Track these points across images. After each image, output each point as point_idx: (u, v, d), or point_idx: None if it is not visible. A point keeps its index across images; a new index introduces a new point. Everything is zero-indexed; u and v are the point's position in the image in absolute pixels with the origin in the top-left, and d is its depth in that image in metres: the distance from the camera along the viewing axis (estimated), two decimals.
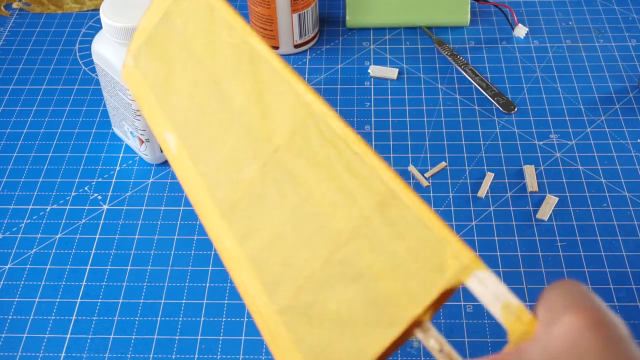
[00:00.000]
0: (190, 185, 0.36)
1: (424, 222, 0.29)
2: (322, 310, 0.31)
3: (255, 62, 0.36)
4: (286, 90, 0.34)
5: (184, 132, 0.37)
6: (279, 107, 0.34)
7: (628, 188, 0.55)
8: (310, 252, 0.32)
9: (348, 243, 0.31)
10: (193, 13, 0.38)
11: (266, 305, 0.32)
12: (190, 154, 0.36)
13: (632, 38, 0.68)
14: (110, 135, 0.60)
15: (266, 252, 0.33)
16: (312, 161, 0.33)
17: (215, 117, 0.36)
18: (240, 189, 0.34)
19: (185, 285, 0.50)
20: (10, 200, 0.55)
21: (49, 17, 0.72)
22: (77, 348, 0.47)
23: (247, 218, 0.34)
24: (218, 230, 0.35)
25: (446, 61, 0.66)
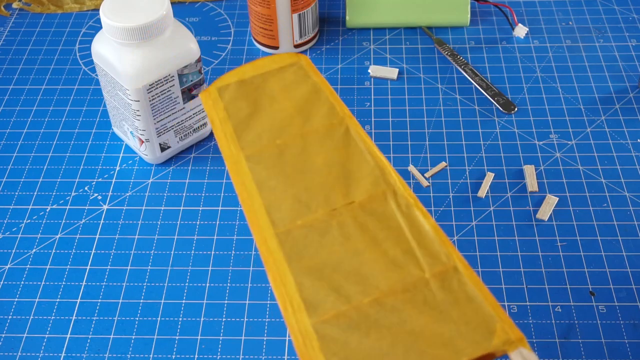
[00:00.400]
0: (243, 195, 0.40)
1: (481, 297, 0.34)
2: (359, 340, 0.33)
3: (347, 138, 0.41)
4: (372, 166, 0.40)
5: (254, 161, 0.41)
6: (362, 176, 0.39)
7: (628, 188, 0.55)
8: (362, 288, 0.35)
9: (403, 293, 0.34)
10: (294, 83, 0.44)
11: (303, 319, 0.34)
12: (256, 178, 0.40)
13: (632, 38, 0.68)
14: (110, 135, 0.60)
15: (313, 275, 0.36)
16: (383, 222, 0.37)
17: (293, 162, 0.41)
18: (302, 219, 0.38)
19: (185, 285, 0.50)
20: (10, 200, 0.55)
21: (49, 17, 0.72)
22: (77, 348, 0.47)
23: (302, 245, 0.37)
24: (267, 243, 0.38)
25: (446, 61, 0.66)
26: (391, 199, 0.38)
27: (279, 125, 0.43)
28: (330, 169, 0.40)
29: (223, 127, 0.43)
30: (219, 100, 0.44)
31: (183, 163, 0.58)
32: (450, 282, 0.35)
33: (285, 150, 0.41)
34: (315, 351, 0.33)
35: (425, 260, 0.36)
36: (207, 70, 0.65)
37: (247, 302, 0.49)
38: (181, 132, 0.56)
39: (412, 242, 0.36)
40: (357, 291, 0.35)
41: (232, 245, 0.52)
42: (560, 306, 0.48)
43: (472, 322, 0.33)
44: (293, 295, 0.35)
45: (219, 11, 0.72)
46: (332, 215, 0.38)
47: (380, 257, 0.36)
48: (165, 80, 0.52)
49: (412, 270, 0.35)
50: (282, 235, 0.38)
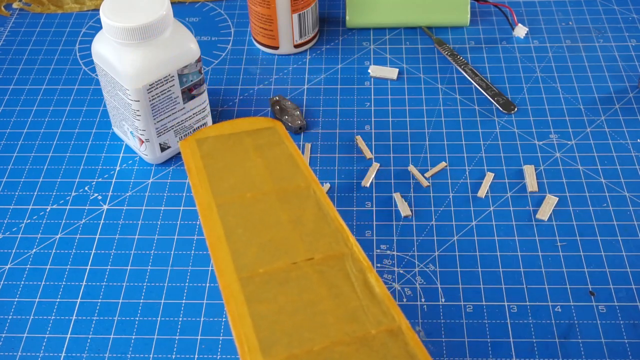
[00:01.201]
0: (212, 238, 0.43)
1: (419, 358, 0.37)
2: None
3: (312, 202, 0.45)
4: (333, 229, 0.43)
5: (225, 209, 0.45)
6: (322, 236, 0.43)
7: (628, 188, 0.55)
8: (313, 336, 0.38)
9: (350, 345, 0.37)
10: (268, 145, 0.49)
11: (257, 358, 0.37)
12: (225, 225, 0.44)
13: (632, 38, 0.68)
14: (110, 135, 0.60)
15: (270, 318, 0.39)
16: (338, 280, 0.41)
17: (260, 215, 0.44)
18: (264, 267, 0.41)
19: (185, 285, 0.50)
20: (10, 200, 0.55)
21: (49, 17, 0.72)
22: (77, 348, 0.47)
23: (262, 290, 0.40)
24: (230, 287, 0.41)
25: (446, 61, 0.66)
26: (347, 260, 0.41)
27: (251, 180, 0.46)
28: (295, 226, 0.43)
29: (198, 175, 0.47)
30: (197, 150, 0.49)
31: (183, 163, 0.58)
32: (395, 340, 0.38)
33: (254, 203, 0.45)
34: None
35: (373, 318, 0.39)
36: (207, 70, 0.65)
37: None
38: (181, 132, 0.56)
39: (362, 301, 0.39)
40: (309, 338, 0.38)
41: None
42: (560, 306, 0.48)
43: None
44: (250, 335, 0.38)
45: (219, 11, 0.72)
46: (292, 267, 0.41)
47: (333, 310, 0.39)
48: (165, 80, 0.52)
49: (360, 326, 0.38)
50: (244, 280, 0.41)
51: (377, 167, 0.57)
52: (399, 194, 0.55)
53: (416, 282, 0.49)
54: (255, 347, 0.37)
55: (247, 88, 0.64)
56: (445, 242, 0.52)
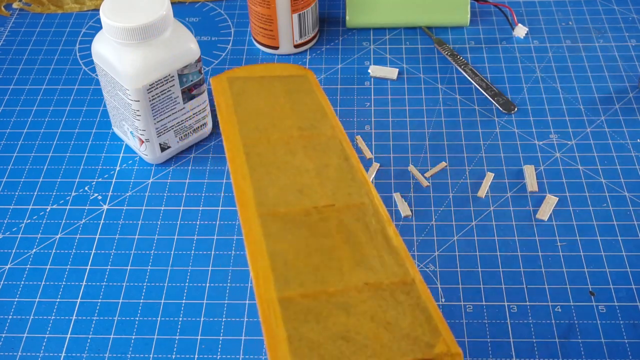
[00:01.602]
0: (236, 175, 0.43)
1: (431, 311, 0.37)
2: (317, 321, 0.36)
3: (338, 152, 0.45)
4: (357, 181, 0.43)
5: (250, 148, 0.44)
6: (345, 186, 0.43)
7: (628, 188, 0.55)
8: (328, 278, 0.38)
9: (363, 292, 0.37)
10: (298, 92, 0.48)
11: (269, 291, 0.37)
12: (249, 163, 0.44)
13: (632, 38, 0.68)
14: (110, 135, 0.60)
15: (287, 257, 0.39)
16: (358, 229, 0.40)
17: (285, 158, 0.44)
18: (285, 208, 0.41)
19: (185, 285, 0.50)
20: (10, 200, 0.55)
21: (49, 17, 0.72)
22: (77, 348, 0.47)
23: (281, 229, 0.40)
24: (250, 221, 0.41)
25: (446, 61, 0.66)
26: (367, 211, 0.41)
27: (278, 123, 0.46)
28: (318, 173, 0.43)
29: (227, 112, 0.46)
30: (228, 88, 0.48)
31: (183, 163, 0.58)
32: (407, 293, 0.38)
33: (280, 146, 0.45)
34: (278, 320, 0.36)
35: (388, 269, 0.39)
36: (207, 70, 0.65)
37: (247, 302, 0.49)
38: (181, 132, 0.56)
39: (379, 251, 0.39)
40: (323, 280, 0.38)
41: (232, 245, 0.52)
42: (560, 306, 0.48)
43: (418, 330, 0.36)
44: (266, 270, 0.38)
45: (219, 11, 0.72)
46: (312, 211, 0.41)
47: (349, 257, 0.39)
48: (165, 80, 0.52)
49: (374, 275, 0.38)
50: (264, 217, 0.41)
51: (377, 167, 0.57)
52: (399, 194, 0.55)
53: None
54: (270, 281, 0.38)
55: None
56: (445, 242, 0.52)
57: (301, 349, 0.35)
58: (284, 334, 0.36)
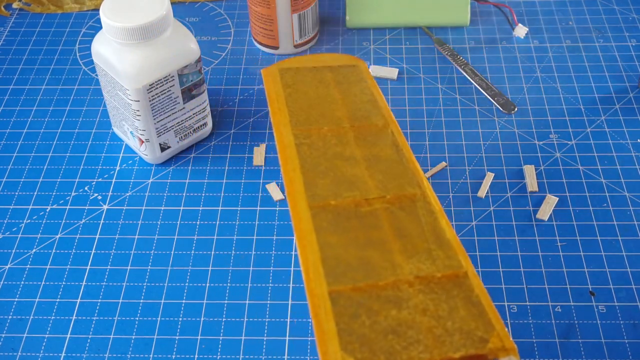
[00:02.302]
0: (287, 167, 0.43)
1: (484, 306, 0.36)
2: (368, 316, 0.36)
3: (388, 141, 0.44)
4: (408, 170, 0.42)
5: (301, 139, 0.44)
6: (396, 176, 0.42)
7: (628, 188, 0.55)
8: (379, 272, 0.38)
9: (415, 285, 0.37)
10: (349, 82, 0.48)
11: (321, 286, 0.37)
12: (300, 154, 0.43)
13: (632, 38, 0.68)
14: (110, 135, 0.60)
15: (338, 250, 0.38)
16: (409, 220, 0.40)
17: (335, 149, 0.44)
18: (336, 200, 0.41)
19: (185, 285, 0.50)
20: (10, 200, 0.55)
21: (49, 17, 0.72)
22: (77, 348, 0.47)
23: (332, 222, 0.40)
24: (300, 214, 0.40)
25: (446, 61, 0.66)
26: (419, 202, 0.41)
27: (329, 114, 0.46)
28: (369, 164, 0.43)
29: (278, 103, 0.47)
30: (279, 79, 0.48)
31: (183, 163, 0.58)
32: (460, 286, 0.37)
33: (330, 137, 0.44)
34: (328, 314, 0.36)
35: (440, 262, 0.38)
36: (207, 70, 0.65)
37: (247, 302, 0.49)
38: (181, 132, 0.56)
39: (431, 244, 0.39)
40: (374, 273, 0.37)
41: (232, 245, 0.52)
42: (560, 306, 0.48)
43: (472, 325, 0.36)
44: (316, 263, 0.38)
45: (219, 11, 0.72)
46: (363, 203, 0.41)
47: (400, 250, 0.38)
48: (165, 80, 0.52)
49: (425, 268, 0.38)
50: (315, 209, 0.40)
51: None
52: None
53: None
54: (320, 275, 0.37)
55: (247, 88, 0.64)
56: None
57: (352, 344, 0.35)
58: (334, 328, 0.35)
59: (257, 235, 0.52)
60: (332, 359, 0.35)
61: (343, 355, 0.35)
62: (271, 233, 0.52)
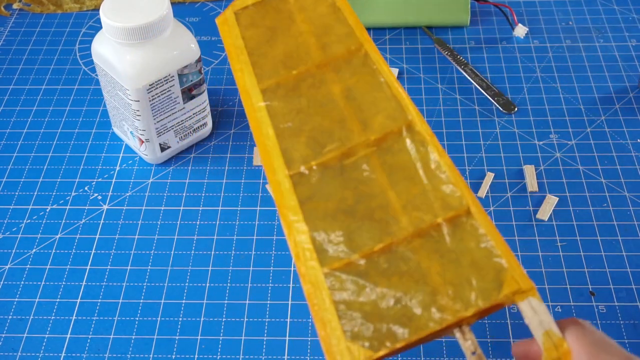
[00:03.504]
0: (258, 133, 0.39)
1: (493, 243, 0.34)
2: (368, 288, 0.33)
3: (365, 66, 0.40)
4: (390, 96, 0.39)
5: (270, 95, 0.40)
6: (379, 109, 0.38)
7: (628, 188, 0.55)
8: (374, 235, 0.35)
9: (414, 240, 0.34)
10: (313, 3, 0.43)
11: (314, 266, 0.34)
12: (272, 116, 0.39)
13: (632, 38, 0.68)
14: (110, 135, 0.60)
15: (326, 220, 0.35)
16: (398, 162, 0.36)
17: (309, 94, 0.39)
18: (317, 160, 0.37)
19: (185, 285, 0.50)
20: (10, 200, 0.55)
21: (49, 17, 0.72)
22: (77, 348, 0.47)
23: (314, 188, 0.36)
24: (280, 184, 0.37)
25: (446, 61, 0.66)
26: (407, 135, 0.37)
27: (296, 53, 0.41)
28: (347, 101, 0.39)
29: (239, 57, 0.42)
30: (235, 25, 0.43)
31: (183, 163, 0.58)
32: (463, 227, 0.34)
33: (301, 81, 0.40)
34: (326, 301, 0.34)
35: (439, 204, 0.35)
36: (207, 70, 0.65)
37: (247, 302, 0.49)
38: (181, 132, 0.56)
39: (426, 184, 0.36)
40: (369, 238, 0.35)
41: (232, 245, 0.52)
42: (560, 306, 0.48)
43: (482, 270, 0.33)
44: (305, 242, 0.35)
45: (219, 11, 0.72)
46: (347, 154, 0.37)
47: (394, 201, 0.36)
48: (165, 80, 0.52)
49: (424, 216, 0.35)
50: (295, 177, 0.37)
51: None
52: None
53: None
54: (312, 256, 0.35)
55: None
56: None
57: (355, 328, 0.33)
58: (334, 314, 0.33)
59: (257, 235, 0.52)
60: (336, 351, 0.33)
61: (348, 345, 0.33)
62: (271, 233, 0.52)
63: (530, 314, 0.33)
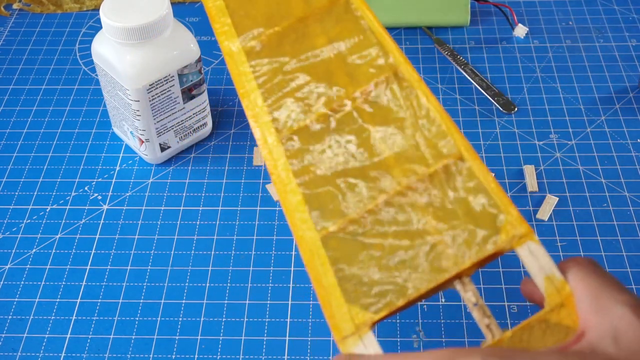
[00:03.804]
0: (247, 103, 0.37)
1: (487, 190, 0.32)
2: (364, 246, 0.33)
3: (347, 14, 0.38)
4: (374, 43, 0.37)
5: (255, 55, 0.38)
6: (364, 58, 0.37)
7: (628, 188, 0.55)
8: (367, 191, 0.34)
9: (408, 194, 0.33)
10: None
11: (310, 230, 0.34)
12: (257, 76, 0.38)
13: (632, 38, 0.68)
14: (110, 135, 0.60)
15: (318, 182, 0.35)
16: (386, 113, 0.35)
17: (293, 50, 0.38)
18: (303, 121, 0.36)
19: (185, 285, 0.50)
20: (10, 200, 0.55)
21: (49, 17, 0.72)
22: (77, 348, 0.47)
23: (304, 149, 0.36)
24: (273, 152, 0.36)
25: (446, 61, 0.66)
26: (394, 81, 0.36)
27: (277, 8, 0.40)
28: (331, 54, 0.38)
29: (220, 19, 0.41)
30: None
31: (183, 163, 0.58)
32: (456, 175, 0.33)
33: (284, 37, 0.39)
34: (324, 265, 0.33)
35: (430, 153, 0.34)
36: (207, 70, 0.65)
37: (247, 302, 0.49)
38: (181, 132, 0.56)
39: (416, 132, 0.35)
40: (363, 196, 0.34)
41: (232, 245, 0.52)
42: None
43: (478, 219, 0.32)
44: (299, 206, 0.35)
45: None
46: (335, 110, 0.36)
47: (385, 155, 0.35)
48: (165, 80, 0.52)
49: (417, 168, 0.34)
50: (285, 139, 0.36)
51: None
52: None
53: None
54: (307, 219, 0.34)
55: None
56: None
57: (356, 292, 0.32)
58: (333, 279, 0.33)
59: (257, 235, 0.52)
60: (339, 318, 0.32)
61: (350, 308, 0.32)
62: (271, 233, 0.52)
63: (530, 259, 0.32)
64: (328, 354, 0.46)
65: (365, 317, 0.32)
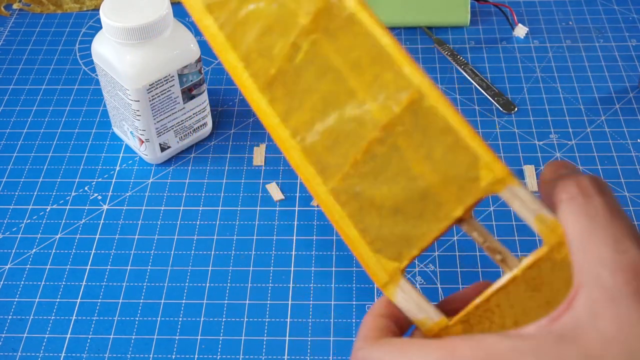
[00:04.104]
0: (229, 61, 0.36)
1: (456, 128, 0.30)
2: (370, 198, 0.33)
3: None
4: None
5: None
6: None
7: (628, 188, 0.55)
8: (350, 140, 0.33)
9: (386, 138, 0.32)
10: None
11: (319, 185, 0.34)
12: (227, 34, 0.36)
13: (632, 38, 0.68)
14: (110, 135, 0.60)
15: (309, 135, 0.34)
16: (343, 49, 0.33)
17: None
18: (274, 66, 0.34)
19: (185, 285, 0.50)
20: (10, 200, 0.55)
21: (49, 17, 0.72)
22: (77, 348, 0.47)
23: (285, 96, 0.35)
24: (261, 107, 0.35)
25: (446, 61, 0.66)
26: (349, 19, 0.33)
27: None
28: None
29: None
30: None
31: (183, 163, 0.58)
32: (423, 116, 0.31)
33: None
34: (344, 219, 0.34)
35: (390, 91, 0.31)
36: (207, 70, 0.65)
37: (247, 302, 0.49)
38: (181, 132, 0.56)
39: (372, 68, 0.32)
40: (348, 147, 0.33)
41: (232, 245, 0.52)
42: None
43: (454, 164, 0.30)
44: (303, 162, 0.34)
45: None
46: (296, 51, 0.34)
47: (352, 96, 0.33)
48: (165, 80, 0.52)
49: (384, 110, 0.32)
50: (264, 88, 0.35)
51: None
52: None
53: (416, 282, 0.49)
54: (313, 174, 0.34)
55: None
56: (445, 242, 0.52)
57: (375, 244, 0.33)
58: (353, 227, 0.34)
59: (257, 235, 0.52)
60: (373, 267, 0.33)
61: (379, 258, 0.33)
62: (271, 233, 0.52)
63: (516, 202, 0.30)
64: (328, 354, 0.46)
65: (393, 265, 0.33)
